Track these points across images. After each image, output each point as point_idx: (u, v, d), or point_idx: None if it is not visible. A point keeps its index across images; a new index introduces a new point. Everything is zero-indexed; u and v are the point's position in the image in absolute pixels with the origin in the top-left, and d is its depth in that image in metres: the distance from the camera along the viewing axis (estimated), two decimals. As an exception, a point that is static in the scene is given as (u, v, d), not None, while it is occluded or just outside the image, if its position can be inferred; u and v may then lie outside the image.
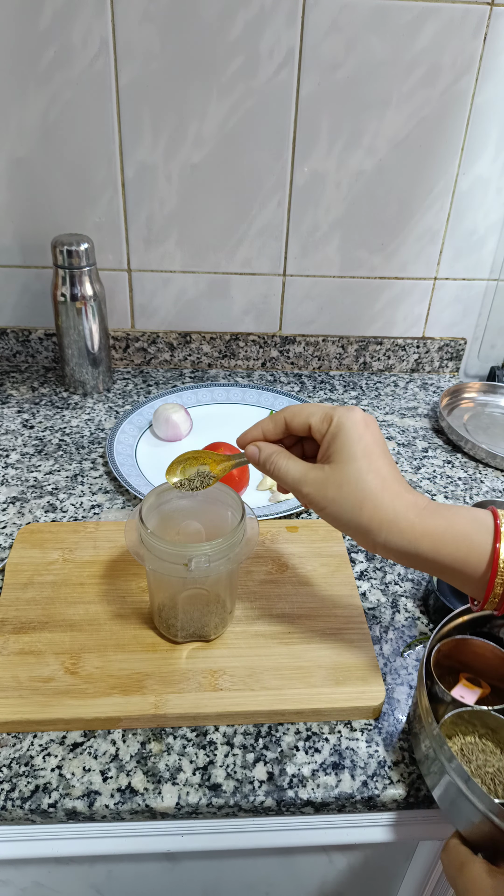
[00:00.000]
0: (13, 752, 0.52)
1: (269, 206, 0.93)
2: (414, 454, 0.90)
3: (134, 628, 0.59)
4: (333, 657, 0.58)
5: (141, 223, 0.94)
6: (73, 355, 0.94)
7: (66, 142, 0.87)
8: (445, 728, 0.51)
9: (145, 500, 0.56)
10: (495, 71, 0.86)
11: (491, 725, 0.51)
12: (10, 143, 0.87)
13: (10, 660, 0.56)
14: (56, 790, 0.50)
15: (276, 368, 1.07)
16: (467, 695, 0.54)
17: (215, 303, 1.01)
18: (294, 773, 0.52)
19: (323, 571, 0.67)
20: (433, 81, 0.86)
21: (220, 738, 0.54)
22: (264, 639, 0.59)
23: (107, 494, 0.78)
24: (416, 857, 0.61)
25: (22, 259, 0.96)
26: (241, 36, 0.81)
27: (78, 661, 0.56)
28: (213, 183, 0.91)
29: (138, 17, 0.80)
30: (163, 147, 0.88)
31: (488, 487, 0.84)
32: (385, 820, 0.54)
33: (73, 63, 0.82)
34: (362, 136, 0.89)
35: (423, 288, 1.02)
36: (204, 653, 0.58)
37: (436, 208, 0.95)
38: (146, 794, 0.50)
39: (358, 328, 1.05)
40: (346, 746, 0.54)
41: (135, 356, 1.04)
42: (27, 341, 1.02)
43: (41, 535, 0.69)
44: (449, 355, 1.08)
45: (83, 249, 0.86)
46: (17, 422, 0.90)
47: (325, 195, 0.93)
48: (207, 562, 0.52)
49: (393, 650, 0.62)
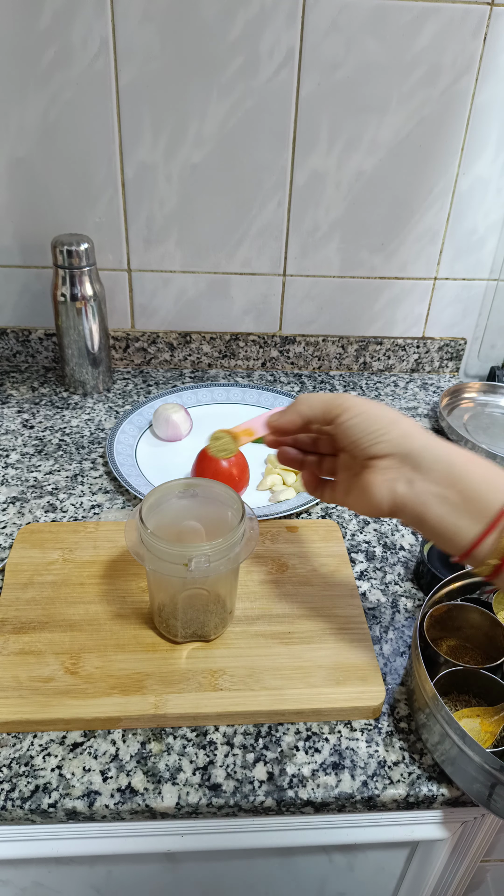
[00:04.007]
0: (13, 752, 0.52)
1: (269, 206, 0.93)
2: (414, 454, 0.90)
3: (134, 628, 0.59)
4: (333, 657, 0.58)
5: (141, 223, 0.94)
6: (73, 355, 0.94)
7: (65, 142, 0.87)
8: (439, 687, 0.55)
9: (145, 500, 0.56)
10: (495, 71, 0.86)
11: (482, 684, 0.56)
12: (10, 143, 0.87)
13: (10, 660, 0.56)
14: (56, 790, 0.50)
15: (276, 368, 1.07)
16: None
17: (215, 303, 1.01)
18: (294, 773, 0.52)
19: (323, 571, 0.67)
20: (433, 81, 0.86)
21: (220, 738, 0.54)
22: (264, 639, 0.59)
23: (107, 494, 0.78)
24: (415, 857, 0.61)
25: (22, 259, 0.96)
26: (241, 36, 0.81)
27: (78, 661, 0.56)
28: (213, 183, 0.91)
29: (138, 17, 0.80)
30: (163, 147, 0.88)
31: (488, 487, 0.84)
32: (385, 820, 0.55)
33: (73, 63, 0.82)
34: (362, 136, 0.89)
35: (423, 288, 1.02)
36: (204, 653, 0.58)
37: (436, 208, 0.95)
38: (146, 794, 0.50)
39: (358, 328, 1.05)
40: (346, 746, 0.54)
41: (135, 356, 1.04)
42: (27, 341, 1.02)
43: (41, 535, 0.69)
44: (449, 355, 1.08)
45: (83, 249, 0.86)
46: (17, 422, 0.90)
47: (325, 195, 0.93)
48: (207, 562, 0.52)
49: (393, 650, 0.62)
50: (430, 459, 0.47)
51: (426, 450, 0.47)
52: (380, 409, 0.50)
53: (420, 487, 0.47)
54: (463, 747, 0.48)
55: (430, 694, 0.50)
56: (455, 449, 0.48)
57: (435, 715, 0.50)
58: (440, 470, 0.47)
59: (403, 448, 0.48)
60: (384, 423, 0.49)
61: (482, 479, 0.46)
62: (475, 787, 0.48)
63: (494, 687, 0.55)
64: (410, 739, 0.54)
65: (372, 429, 0.49)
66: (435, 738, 0.51)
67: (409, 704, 0.57)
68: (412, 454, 0.48)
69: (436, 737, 0.51)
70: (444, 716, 0.49)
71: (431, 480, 0.47)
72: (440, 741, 0.50)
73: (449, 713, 0.48)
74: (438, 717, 0.50)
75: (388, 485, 0.48)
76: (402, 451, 0.48)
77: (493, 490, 0.45)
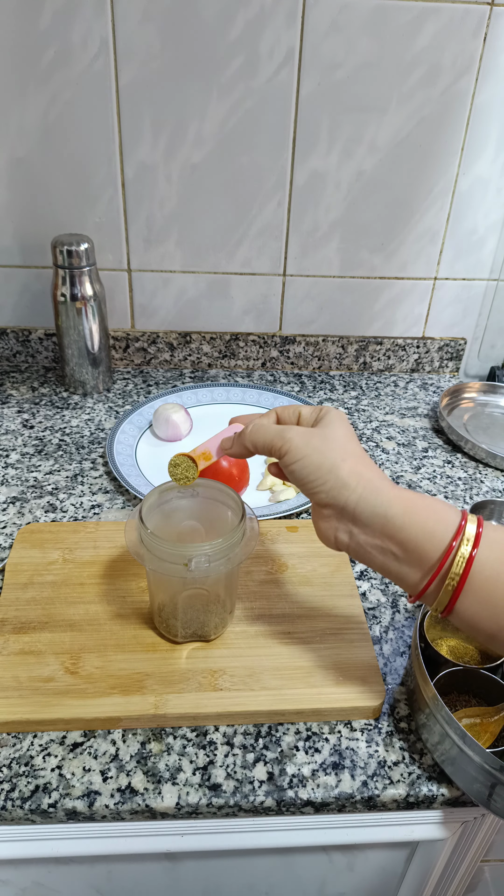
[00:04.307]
0: (13, 752, 0.52)
1: (269, 206, 0.93)
2: (414, 454, 0.90)
3: (134, 628, 0.59)
4: (333, 657, 0.58)
5: (141, 223, 0.94)
6: (73, 355, 0.94)
7: (66, 142, 0.87)
8: (439, 687, 0.55)
9: (145, 500, 0.56)
10: (495, 71, 0.86)
11: (482, 684, 0.56)
12: (10, 143, 0.87)
13: (10, 660, 0.56)
14: (56, 790, 0.50)
15: (276, 368, 1.07)
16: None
17: (215, 303, 1.01)
18: (294, 773, 0.52)
19: (323, 571, 0.67)
20: (433, 81, 0.86)
21: (220, 738, 0.54)
22: (264, 639, 0.59)
23: (107, 494, 0.78)
24: (416, 857, 0.61)
25: (22, 259, 0.96)
26: (241, 36, 0.81)
27: (78, 661, 0.56)
28: (213, 183, 0.91)
29: (138, 17, 0.80)
30: (163, 147, 0.88)
31: (488, 487, 0.84)
32: (385, 820, 0.55)
33: (73, 63, 0.82)
34: (362, 135, 0.89)
35: (423, 288, 1.02)
36: (204, 653, 0.58)
37: (436, 208, 0.95)
38: (146, 794, 0.50)
39: (358, 328, 1.05)
40: (346, 746, 0.54)
41: (135, 356, 1.04)
42: (27, 341, 1.02)
43: (41, 535, 0.69)
44: (449, 355, 1.08)
45: (83, 249, 0.86)
46: (17, 422, 0.90)
47: (325, 195, 0.93)
48: (207, 562, 0.52)
49: (393, 650, 0.62)
50: (367, 514, 0.46)
51: (362, 503, 0.46)
52: (321, 454, 0.47)
53: (360, 539, 0.47)
54: (463, 747, 0.48)
55: (430, 694, 0.50)
56: (394, 496, 0.46)
57: (435, 715, 0.50)
58: (377, 524, 0.46)
59: (339, 501, 0.47)
60: (322, 472, 0.47)
61: (421, 531, 0.45)
62: (475, 787, 0.48)
63: (494, 687, 0.55)
64: (410, 739, 0.54)
65: (311, 478, 0.48)
66: (435, 738, 0.51)
67: (409, 704, 0.57)
68: (347, 508, 0.47)
69: (436, 737, 0.51)
70: (444, 716, 0.49)
71: (369, 534, 0.47)
72: (440, 741, 0.50)
73: (449, 713, 0.48)
74: (438, 717, 0.50)
75: (332, 532, 0.49)
76: (339, 505, 0.47)
77: (431, 540, 0.45)
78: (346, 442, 0.48)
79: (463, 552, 0.43)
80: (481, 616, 0.44)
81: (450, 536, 0.44)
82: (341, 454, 0.48)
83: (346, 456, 0.48)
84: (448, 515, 0.45)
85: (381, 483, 0.47)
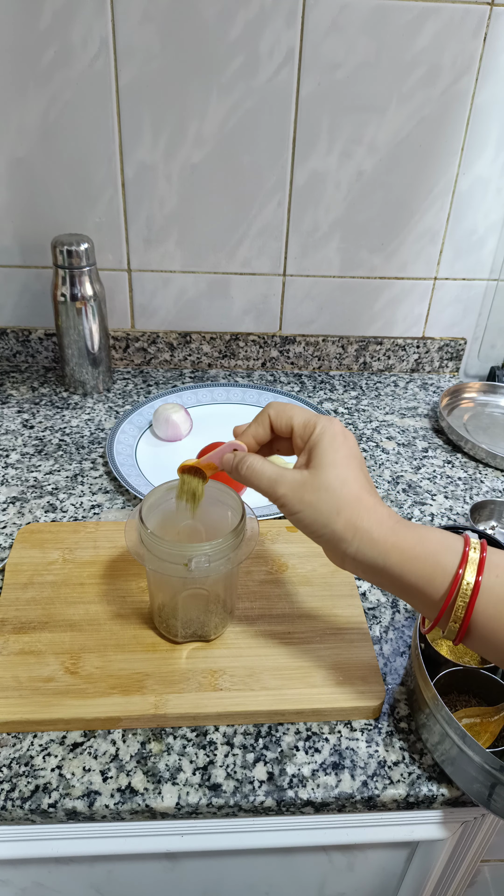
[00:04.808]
0: (13, 752, 0.52)
1: (269, 206, 0.93)
2: (414, 454, 0.90)
3: (134, 628, 0.59)
4: (333, 657, 0.58)
5: (141, 223, 0.94)
6: (73, 355, 0.94)
7: (65, 142, 0.87)
8: (439, 687, 0.55)
9: (145, 499, 0.56)
10: (495, 71, 0.86)
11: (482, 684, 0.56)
12: (10, 143, 0.87)
13: (10, 660, 0.56)
14: (56, 790, 0.50)
15: (276, 368, 1.07)
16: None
17: (215, 303, 1.01)
18: (294, 773, 0.52)
19: (323, 571, 0.67)
20: (433, 81, 0.86)
21: (220, 738, 0.54)
22: (264, 639, 0.59)
23: (107, 494, 0.78)
24: (416, 857, 0.61)
25: (22, 259, 0.96)
26: (241, 36, 0.81)
27: (78, 661, 0.56)
28: (213, 183, 0.91)
29: (138, 17, 0.80)
30: (163, 147, 0.88)
31: (488, 487, 0.84)
32: (385, 820, 0.55)
33: (73, 63, 0.82)
34: (362, 135, 0.89)
35: (423, 288, 1.02)
36: (204, 653, 0.58)
37: (436, 208, 0.95)
38: (146, 794, 0.50)
39: (358, 328, 1.05)
40: (346, 746, 0.54)
41: (135, 356, 1.04)
42: (27, 341, 1.02)
43: (41, 535, 0.69)
44: (449, 355, 1.08)
45: (83, 249, 0.86)
46: (17, 422, 0.90)
47: (325, 195, 0.93)
48: (207, 562, 0.52)
49: (393, 650, 0.62)
50: (366, 564, 0.47)
51: (360, 555, 0.46)
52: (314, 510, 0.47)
53: (366, 577, 0.48)
54: (463, 747, 0.48)
55: (430, 694, 0.50)
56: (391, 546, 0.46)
57: (435, 715, 0.50)
58: (376, 572, 0.47)
59: (339, 552, 0.47)
60: (317, 527, 0.47)
61: (419, 577, 0.45)
62: (475, 787, 0.48)
63: (494, 687, 0.55)
64: (410, 739, 0.54)
65: (308, 531, 0.48)
66: (435, 738, 0.51)
67: (409, 704, 0.57)
68: (347, 557, 0.47)
69: (436, 737, 0.51)
70: (444, 716, 0.49)
71: (371, 577, 0.48)
72: (440, 741, 0.50)
73: (449, 713, 0.48)
74: (438, 717, 0.50)
75: (339, 563, 0.49)
76: (338, 554, 0.48)
77: (432, 585, 0.45)
78: (340, 487, 0.47)
79: (461, 602, 0.44)
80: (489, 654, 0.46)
81: (448, 584, 0.44)
82: (336, 506, 0.47)
83: (340, 508, 0.47)
84: (446, 560, 0.45)
85: (379, 532, 0.46)
